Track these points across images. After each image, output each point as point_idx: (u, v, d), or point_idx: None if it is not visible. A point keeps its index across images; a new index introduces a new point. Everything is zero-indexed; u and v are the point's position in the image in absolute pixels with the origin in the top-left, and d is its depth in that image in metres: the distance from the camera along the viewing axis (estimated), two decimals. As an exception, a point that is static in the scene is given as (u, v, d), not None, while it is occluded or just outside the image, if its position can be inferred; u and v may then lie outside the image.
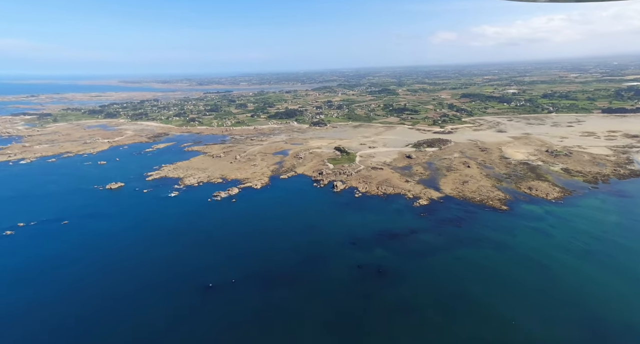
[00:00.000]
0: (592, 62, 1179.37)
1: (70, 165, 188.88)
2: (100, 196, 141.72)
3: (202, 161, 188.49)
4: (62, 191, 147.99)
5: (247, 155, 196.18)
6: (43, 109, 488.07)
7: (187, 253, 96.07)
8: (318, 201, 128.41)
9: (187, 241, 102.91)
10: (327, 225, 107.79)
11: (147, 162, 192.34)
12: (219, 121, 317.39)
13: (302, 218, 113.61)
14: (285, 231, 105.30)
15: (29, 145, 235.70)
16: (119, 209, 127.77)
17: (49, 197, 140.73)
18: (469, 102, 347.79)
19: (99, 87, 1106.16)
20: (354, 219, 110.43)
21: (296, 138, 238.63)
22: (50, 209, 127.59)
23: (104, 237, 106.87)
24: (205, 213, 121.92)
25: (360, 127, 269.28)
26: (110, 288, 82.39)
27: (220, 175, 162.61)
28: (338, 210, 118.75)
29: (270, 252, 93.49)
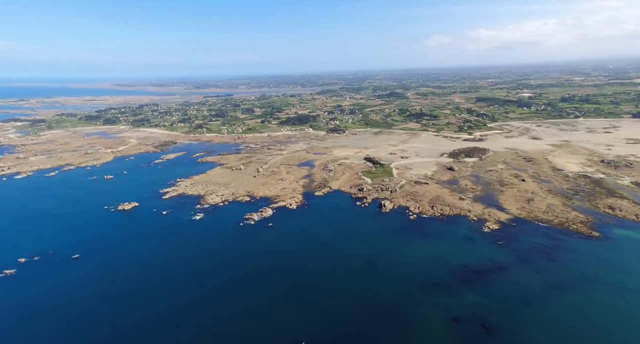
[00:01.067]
0: (588, 66, 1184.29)
1: (73, 180, 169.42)
2: (113, 220, 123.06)
3: (220, 174, 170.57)
4: (68, 213, 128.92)
5: (270, 167, 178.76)
6: (35, 114, 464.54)
7: (234, 301, 78.35)
8: (368, 225, 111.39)
9: (230, 283, 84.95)
10: (392, 259, 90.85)
11: (159, 176, 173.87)
12: (228, 127, 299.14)
13: (358, 249, 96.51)
14: (344, 269, 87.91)
15: (24, 156, 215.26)
16: (138, 237, 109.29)
17: (52, 222, 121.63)
18: (487, 107, 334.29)
19: (92, 90, 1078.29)
20: (420, 250, 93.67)
21: (317, 147, 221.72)
22: (56, 239, 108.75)
23: (128, 279, 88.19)
24: (241, 243, 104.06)
25: (382, 134, 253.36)
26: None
27: (246, 191, 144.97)
28: (397, 237, 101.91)
29: (336, 302, 75.87)
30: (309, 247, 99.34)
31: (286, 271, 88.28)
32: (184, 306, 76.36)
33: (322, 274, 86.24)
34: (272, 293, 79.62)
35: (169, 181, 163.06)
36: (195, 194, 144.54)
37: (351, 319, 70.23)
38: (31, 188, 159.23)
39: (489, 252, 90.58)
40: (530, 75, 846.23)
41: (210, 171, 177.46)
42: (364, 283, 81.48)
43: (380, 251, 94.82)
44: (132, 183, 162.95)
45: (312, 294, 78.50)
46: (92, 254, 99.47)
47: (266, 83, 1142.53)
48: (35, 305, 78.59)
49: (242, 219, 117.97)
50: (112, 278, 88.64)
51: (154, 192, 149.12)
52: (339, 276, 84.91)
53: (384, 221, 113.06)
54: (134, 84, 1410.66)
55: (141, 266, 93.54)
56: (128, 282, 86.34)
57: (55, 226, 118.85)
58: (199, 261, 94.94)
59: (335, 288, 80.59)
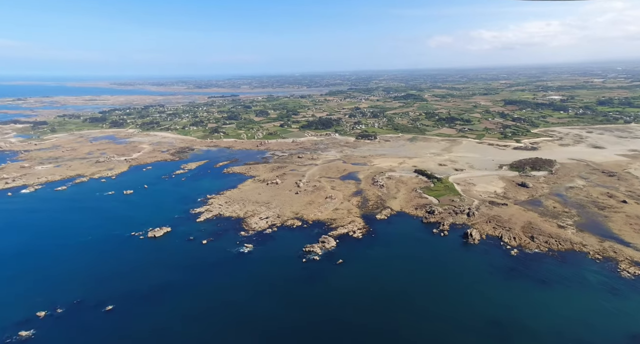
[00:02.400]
0: (595, 67, 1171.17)
1: (87, 196, 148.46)
2: (144, 252, 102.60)
3: (255, 190, 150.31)
4: (90, 242, 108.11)
5: (309, 180, 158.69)
6: (35, 115, 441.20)
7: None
8: (460, 263, 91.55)
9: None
10: (522, 319, 70.59)
11: (185, 190, 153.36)
12: (247, 131, 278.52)
13: (465, 302, 76.57)
14: (458, 332, 68.12)
15: (29, 165, 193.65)
16: (181, 278, 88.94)
17: (73, 256, 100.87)
18: (519, 110, 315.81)
19: (90, 89, 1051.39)
20: (553, 307, 72.82)
21: (352, 156, 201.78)
22: (81, 280, 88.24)
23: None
24: (312, 290, 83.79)
25: (417, 141, 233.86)
26: None
27: (293, 213, 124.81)
28: (508, 283, 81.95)
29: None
30: (401, 299, 79.08)
31: (385, 338, 68.29)
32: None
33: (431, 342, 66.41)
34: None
35: (197, 197, 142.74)
36: (234, 216, 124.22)
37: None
38: (41, 207, 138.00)
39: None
40: (541, 77, 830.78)
41: (241, 185, 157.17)
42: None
43: (498, 306, 74.79)
44: (156, 200, 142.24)
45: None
46: (128, 304, 78.89)
47: (269, 83, 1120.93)
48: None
49: (302, 253, 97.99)
50: (160, 341, 68.40)
51: (185, 212, 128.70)
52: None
53: (478, 257, 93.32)
54: (133, 83, 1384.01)
55: (193, 322, 73.27)
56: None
57: (77, 261, 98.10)
58: (266, 322, 74.24)
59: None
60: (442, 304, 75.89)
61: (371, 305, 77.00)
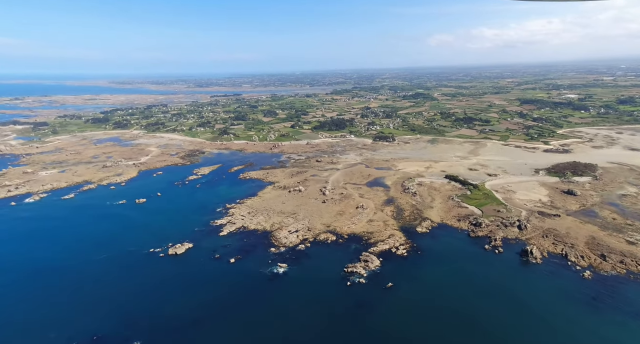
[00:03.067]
0: (598, 65, 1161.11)
1: (97, 206, 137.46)
2: (167, 273, 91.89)
3: (278, 198, 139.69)
4: (104, 260, 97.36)
5: (334, 187, 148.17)
6: (35, 115, 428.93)
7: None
8: (525, 287, 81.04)
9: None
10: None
11: (202, 199, 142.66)
12: (257, 133, 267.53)
13: (546, 340, 66.31)
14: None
15: (32, 170, 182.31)
16: (213, 309, 78.09)
17: (87, 278, 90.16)
18: (537, 110, 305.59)
19: (89, 88, 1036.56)
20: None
21: (373, 159, 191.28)
22: (99, 309, 77.52)
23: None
24: (362, 320, 73.52)
25: (439, 143, 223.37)
26: None
27: (324, 226, 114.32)
28: (595, 317, 71.14)
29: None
30: (468, 336, 68.65)
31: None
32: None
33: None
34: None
35: (216, 206, 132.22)
36: (260, 229, 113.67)
37: None
38: (47, 219, 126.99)
39: None
40: (547, 75, 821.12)
41: (262, 193, 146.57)
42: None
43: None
44: (172, 210, 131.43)
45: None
46: (156, 341, 68.31)
47: (270, 82, 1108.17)
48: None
49: (344, 274, 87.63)
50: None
51: (205, 224, 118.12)
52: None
53: (546, 281, 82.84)
54: (132, 82, 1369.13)
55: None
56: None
57: (92, 284, 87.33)
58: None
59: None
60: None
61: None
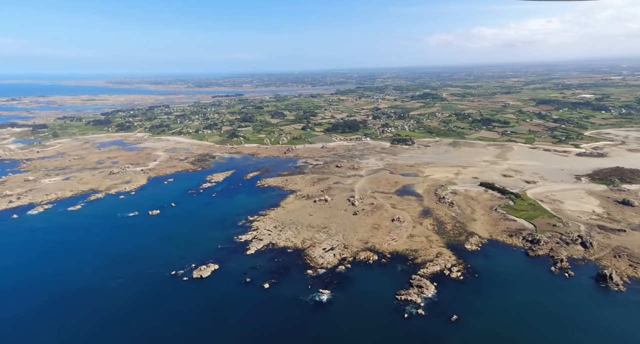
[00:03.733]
0: (599, 65, 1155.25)
1: (107, 218, 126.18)
2: (194, 303, 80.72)
3: (303, 209, 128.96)
4: (121, 286, 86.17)
5: (362, 196, 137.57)
6: (33, 117, 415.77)
7: None
8: (617, 325, 70.55)
9: None
10: None
11: (220, 209, 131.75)
12: (268, 135, 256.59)
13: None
14: None
15: (34, 177, 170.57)
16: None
17: (104, 308, 79.04)
18: (555, 111, 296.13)
19: (87, 88, 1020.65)
20: None
21: (396, 164, 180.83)
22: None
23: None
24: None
25: (461, 146, 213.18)
26: None
27: (360, 241, 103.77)
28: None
29: None
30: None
31: None
32: None
33: None
34: None
35: (237, 219, 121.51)
36: (291, 246, 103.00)
37: None
38: (54, 234, 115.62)
39: None
40: (551, 74, 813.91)
41: (284, 203, 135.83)
42: None
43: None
44: (189, 224, 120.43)
45: None
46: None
47: (271, 81, 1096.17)
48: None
49: (397, 303, 77.17)
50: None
51: (228, 240, 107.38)
52: None
53: (638, 314, 72.57)
54: (130, 82, 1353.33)
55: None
56: None
57: (113, 317, 76.23)
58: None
59: None
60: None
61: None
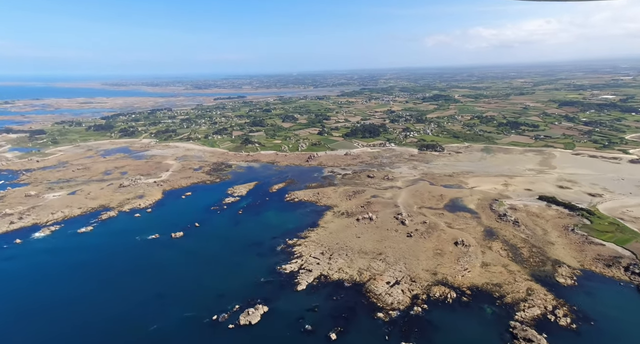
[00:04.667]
0: (601, 65, 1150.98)
1: (125, 242, 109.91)
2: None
3: (347, 229, 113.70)
4: (156, 334, 70.22)
5: (409, 213, 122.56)
6: (29, 121, 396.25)
7: None
8: None
9: None
10: None
11: (251, 231, 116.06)
12: (284, 141, 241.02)
13: None
14: None
15: (35, 192, 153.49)
16: None
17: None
18: (581, 113, 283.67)
19: (82, 90, 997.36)
20: None
21: (432, 173, 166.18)
22: None
23: None
24: None
25: (496, 152, 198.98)
26: None
27: (428, 273, 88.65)
28: None
29: None
30: None
31: None
32: None
33: None
34: None
35: (275, 242, 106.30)
36: (347, 279, 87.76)
37: None
38: (64, 262, 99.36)
39: None
40: (555, 75, 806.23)
41: (323, 221, 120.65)
42: None
43: None
44: (221, 249, 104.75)
45: None
46: None
47: (270, 83, 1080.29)
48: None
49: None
50: None
51: (271, 271, 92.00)
52: None
53: None
54: (126, 84, 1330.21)
55: None
56: None
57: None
58: None
59: None
60: None
61: None
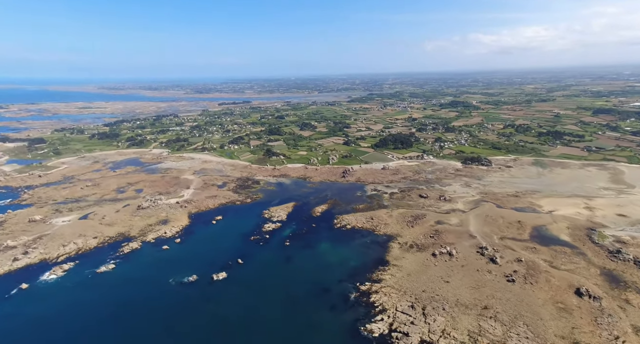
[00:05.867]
0: (605, 71, 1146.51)
1: (156, 287, 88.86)
2: None
3: (427, 269, 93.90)
4: None
5: (490, 245, 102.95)
6: (25, 128, 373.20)
7: None
8: None
9: None
10: None
11: (308, 269, 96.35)
12: (312, 153, 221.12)
13: None
14: None
15: (41, 216, 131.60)
16: None
17: None
18: (621, 121, 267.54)
19: (78, 94, 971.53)
20: None
21: (492, 192, 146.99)
22: None
23: None
24: None
25: (553, 168, 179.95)
26: None
27: (563, 340, 68.81)
28: None
29: None
30: None
31: None
32: None
33: None
34: None
35: (343, 288, 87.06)
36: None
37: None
38: (84, 320, 78.18)
39: None
40: (562, 81, 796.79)
41: (392, 257, 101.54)
42: None
43: None
44: (279, 299, 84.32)
45: None
46: None
47: (272, 87, 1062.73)
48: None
49: None
50: None
51: (354, 334, 72.58)
52: None
53: None
54: (123, 87, 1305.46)
55: None
56: None
57: None
58: None
59: None
60: None
61: None
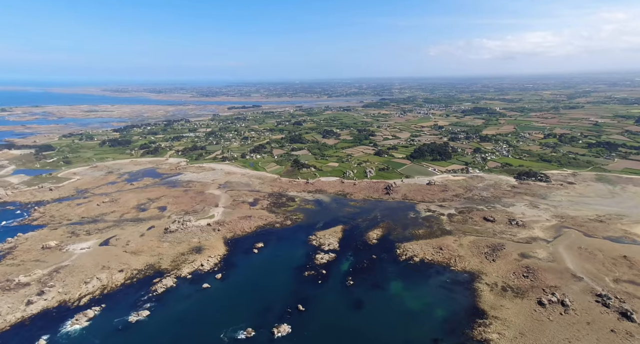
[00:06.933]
0: (617, 78, 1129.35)
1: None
2: None
3: (541, 326, 75.91)
4: None
5: (613, 293, 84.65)
6: (30, 133, 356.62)
7: None
8: None
9: None
10: None
11: (387, 323, 78.67)
12: (345, 165, 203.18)
13: None
14: None
15: (56, 242, 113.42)
16: None
17: None
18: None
19: (83, 97, 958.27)
20: None
21: (568, 216, 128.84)
22: None
23: None
24: None
25: (623, 184, 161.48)
26: None
27: None
28: None
29: None
30: None
31: None
32: None
33: None
34: None
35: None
36: None
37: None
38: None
39: None
40: (579, 87, 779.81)
41: (486, 305, 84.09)
42: None
43: None
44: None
45: None
46: None
47: (280, 91, 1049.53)
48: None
49: None
50: None
51: None
52: None
53: None
54: (127, 90, 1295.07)
55: None
56: None
57: None
58: None
59: None
60: None
61: None
